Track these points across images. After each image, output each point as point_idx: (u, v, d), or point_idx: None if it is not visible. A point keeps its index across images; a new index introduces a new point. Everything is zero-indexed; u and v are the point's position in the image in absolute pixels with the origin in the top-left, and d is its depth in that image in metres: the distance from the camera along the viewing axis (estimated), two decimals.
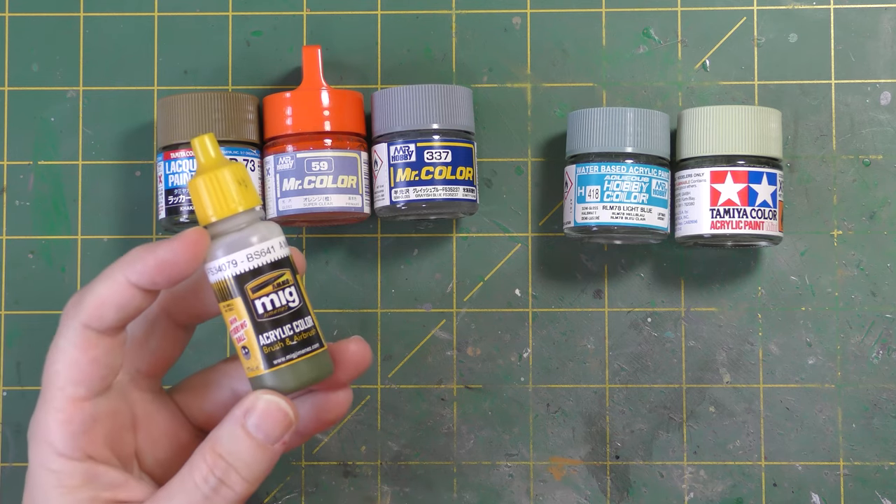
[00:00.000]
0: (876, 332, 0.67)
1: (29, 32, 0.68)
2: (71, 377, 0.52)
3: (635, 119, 0.64)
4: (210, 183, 0.52)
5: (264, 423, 0.52)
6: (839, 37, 0.68)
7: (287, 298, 0.52)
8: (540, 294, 0.68)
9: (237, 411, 0.52)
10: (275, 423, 0.52)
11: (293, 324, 0.52)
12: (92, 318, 0.51)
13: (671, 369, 0.67)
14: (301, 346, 0.52)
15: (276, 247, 0.52)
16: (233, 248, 0.51)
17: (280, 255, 0.52)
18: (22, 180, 0.68)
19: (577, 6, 0.68)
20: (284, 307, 0.52)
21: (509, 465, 0.67)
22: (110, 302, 0.51)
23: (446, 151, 0.64)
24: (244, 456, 0.52)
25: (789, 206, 0.67)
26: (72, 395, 0.52)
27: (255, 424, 0.52)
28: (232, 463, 0.52)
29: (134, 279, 0.51)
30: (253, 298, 0.52)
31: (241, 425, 0.52)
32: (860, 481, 0.67)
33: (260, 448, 0.52)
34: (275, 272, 0.52)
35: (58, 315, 0.67)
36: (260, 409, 0.52)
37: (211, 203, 0.52)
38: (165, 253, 0.51)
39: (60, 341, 0.52)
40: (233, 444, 0.52)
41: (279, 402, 0.52)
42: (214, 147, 0.52)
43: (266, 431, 0.52)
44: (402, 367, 0.68)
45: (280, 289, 0.52)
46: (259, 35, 0.68)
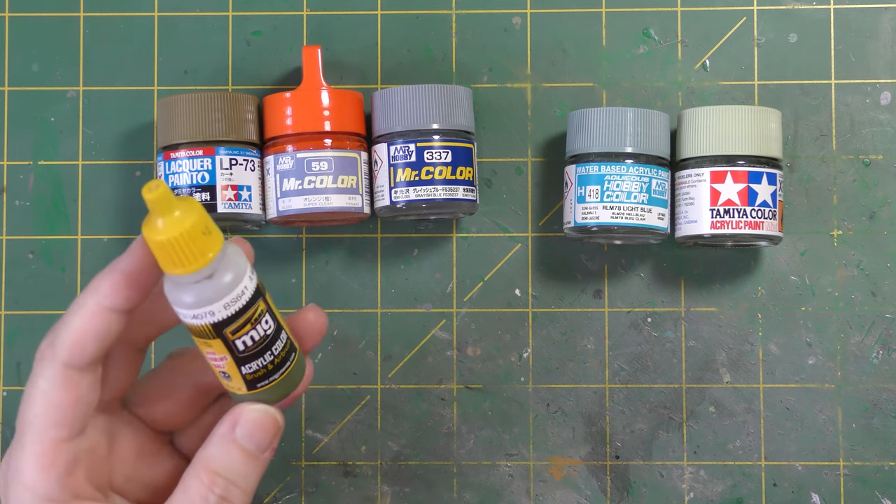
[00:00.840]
0: (876, 332, 0.67)
1: (29, 32, 0.68)
2: (53, 420, 0.50)
3: (635, 119, 0.64)
4: (175, 243, 0.47)
5: (255, 433, 0.52)
6: (839, 37, 0.68)
7: (264, 329, 0.51)
8: (540, 294, 0.68)
9: (223, 427, 0.52)
10: (265, 433, 0.52)
11: (272, 349, 0.51)
12: (73, 357, 0.49)
13: (671, 369, 0.67)
14: (281, 365, 0.52)
15: (248, 284, 0.50)
16: (208, 300, 0.49)
17: (252, 292, 0.50)
18: (22, 180, 0.68)
19: (577, 6, 0.68)
20: (262, 338, 0.51)
21: (509, 465, 0.67)
22: (89, 334, 0.49)
23: (446, 151, 0.64)
24: (240, 469, 0.51)
25: (789, 206, 0.67)
26: (54, 438, 0.50)
27: (246, 436, 0.52)
28: (229, 478, 0.51)
29: (108, 303, 0.49)
30: (233, 339, 0.50)
31: (231, 440, 0.51)
32: (860, 481, 0.67)
33: (252, 459, 0.52)
34: (250, 311, 0.50)
35: (58, 315, 0.67)
36: (249, 420, 0.52)
37: (177, 260, 0.48)
38: (129, 264, 0.49)
39: (40, 382, 0.50)
40: (226, 460, 0.51)
41: (266, 411, 0.52)
42: (172, 200, 0.47)
43: (257, 441, 0.52)
44: (402, 367, 0.68)
45: (257, 323, 0.51)
46: (259, 35, 0.68)
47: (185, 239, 0.47)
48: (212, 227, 0.48)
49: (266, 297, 0.51)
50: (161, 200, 0.47)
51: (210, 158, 0.64)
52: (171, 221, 0.47)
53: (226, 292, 0.49)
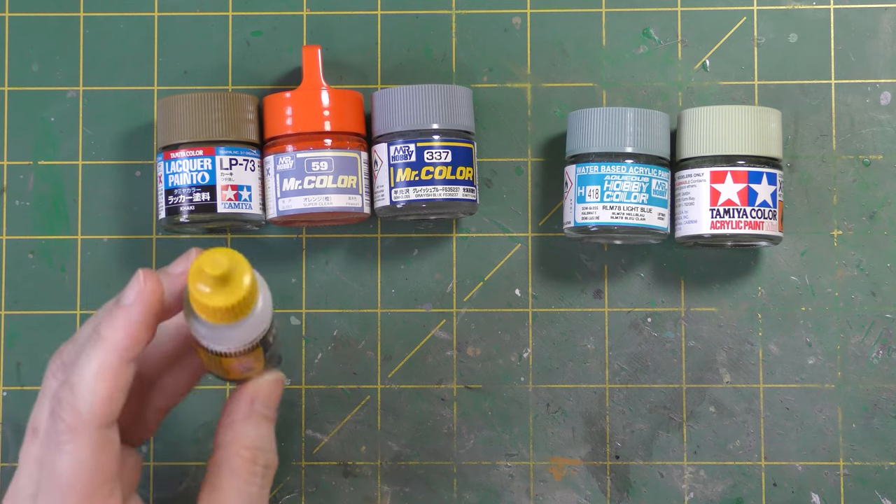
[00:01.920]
0: (876, 332, 0.67)
1: (29, 32, 0.68)
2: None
3: (635, 119, 0.64)
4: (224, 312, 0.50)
5: (270, 399, 0.56)
6: (839, 37, 0.68)
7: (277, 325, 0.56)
8: (540, 294, 0.68)
9: (244, 406, 0.56)
10: (277, 396, 0.57)
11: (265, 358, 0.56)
12: (103, 418, 0.51)
13: (671, 369, 0.67)
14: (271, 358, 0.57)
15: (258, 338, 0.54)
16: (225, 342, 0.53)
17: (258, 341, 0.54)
18: (22, 180, 0.68)
19: (577, 6, 0.68)
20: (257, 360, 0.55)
21: (509, 465, 0.67)
22: (116, 391, 0.51)
23: (446, 151, 0.64)
24: (267, 435, 0.56)
25: (789, 206, 0.67)
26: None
27: (264, 405, 0.56)
28: (264, 448, 0.56)
29: (128, 356, 0.51)
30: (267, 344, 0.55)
31: (256, 413, 0.56)
32: (860, 481, 0.67)
33: (270, 422, 0.57)
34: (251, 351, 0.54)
35: (58, 315, 0.68)
36: (265, 391, 0.56)
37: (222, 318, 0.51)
38: (140, 312, 0.51)
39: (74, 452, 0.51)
40: (257, 433, 0.56)
41: (276, 377, 0.57)
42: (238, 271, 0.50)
43: (273, 406, 0.57)
44: (402, 367, 0.68)
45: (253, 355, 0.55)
46: (259, 35, 0.68)
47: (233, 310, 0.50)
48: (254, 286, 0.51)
49: (268, 335, 0.55)
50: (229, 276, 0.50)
51: (210, 158, 0.64)
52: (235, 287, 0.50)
53: (241, 342, 0.53)
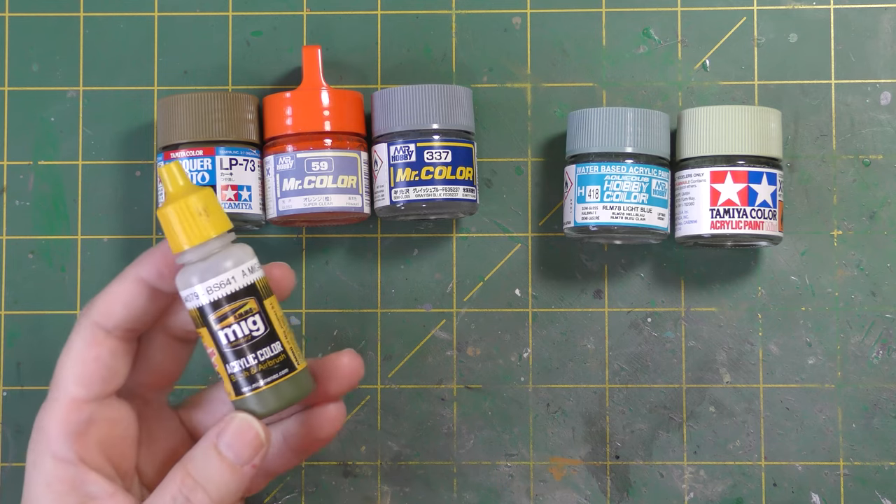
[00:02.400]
0: (876, 332, 0.67)
1: (29, 32, 0.68)
2: (74, 374, 0.52)
3: (635, 119, 0.64)
4: (178, 212, 0.51)
5: (235, 443, 0.52)
6: (839, 37, 0.68)
7: (250, 328, 0.52)
8: (540, 294, 0.68)
9: (211, 432, 0.53)
10: (245, 444, 0.52)
11: (258, 353, 0.52)
12: (101, 315, 0.52)
13: (671, 369, 0.67)
14: (268, 373, 0.52)
15: (238, 276, 0.51)
16: (196, 280, 0.51)
17: (241, 285, 0.51)
18: (22, 180, 0.68)
19: (577, 6, 0.68)
20: (247, 337, 0.52)
21: (509, 465, 0.67)
22: (119, 298, 0.52)
23: (446, 151, 0.64)
24: (214, 476, 0.52)
25: (789, 206, 0.67)
26: (72, 395, 0.52)
27: (227, 444, 0.52)
28: (201, 482, 0.52)
29: (143, 273, 0.52)
30: (216, 329, 0.52)
31: (213, 445, 0.52)
32: (860, 481, 0.67)
33: (230, 468, 0.52)
34: (236, 303, 0.51)
35: (58, 315, 0.68)
36: (232, 429, 0.52)
37: (181, 231, 0.51)
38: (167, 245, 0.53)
39: (72, 338, 0.53)
40: (204, 464, 0.52)
41: (250, 422, 0.53)
42: (182, 175, 0.52)
43: (237, 452, 0.52)
44: (402, 367, 0.68)
45: (243, 319, 0.51)
46: (259, 35, 0.68)
47: (183, 211, 0.50)
48: (214, 211, 0.51)
49: (266, 301, 0.52)
50: (171, 172, 0.51)
51: (210, 158, 0.64)
52: (176, 193, 0.51)
53: (211, 276, 0.51)
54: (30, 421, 0.54)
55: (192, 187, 0.52)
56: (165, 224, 0.51)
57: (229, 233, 0.53)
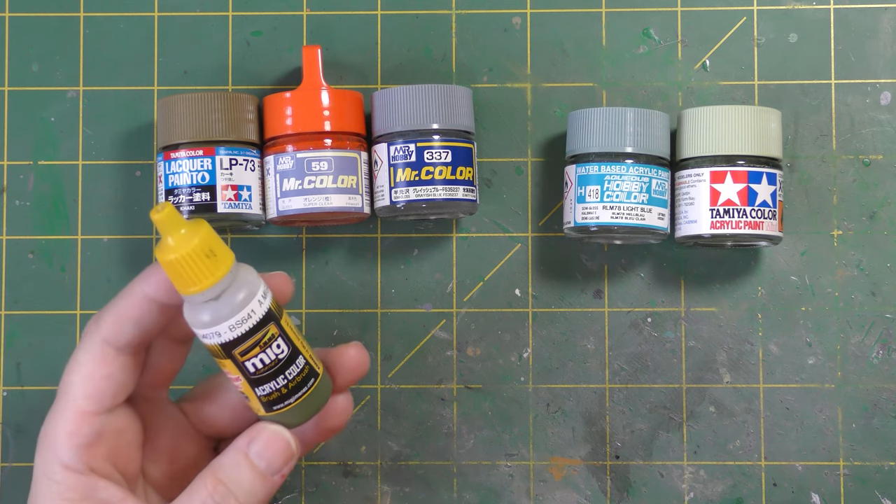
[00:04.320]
0: (876, 332, 0.67)
1: (29, 32, 0.68)
2: (84, 391, 0.52)
3: (635, 119, 0.64)
4: (181, 263, 0.49)
5: (266, 452, 0.53)
6: (839, 37, 0.68)
7: (276, 353, 0.52)
8: (540, 294, 0.68)
9: (241, 440, 0.53)
10: (276, 454, 0.53)
11: (286, 373, 0.52)
12: (111, 334, 0.52)
13: (671, 369, 0.67)
14: (296, 389, 0.53)
15: (256, 308, 0.51)
16: (214, 321, 0.50)
17: (260, 316, 0.51)
18: (22, 180, 0.68)
19: (577, 6, 0.68)
20: (274, 362, 0.52)
21: (509, 465, 0.67)
22: (128, 316, 0.52)
23: (446, 151, 0.64)
24: (244, 484, 0.53)
25: (789, 206, 0.67)
26: (82, 409, 0.52)
27: (258, 453, 0.53)
28: (232, 489, 0.53)
29: (150, 291, 0.52)
30: (243, 361, 0.51)
31: (244, 454, 0.53)
32: (860, 481, 0.67)
33: (260, 477, 0.53)
34: (258, 334, 0.51)
35: (58, 315, 0.68)
36: (263, 439, 0.53)
37: (185, 279, 0.49)
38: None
39: (79, 354, 0.53)
40: (235, 472, 0.53)
41: (282, 433, 0.54)
42: (178, 221, 0.49)
43: (268, 461, 0.53)
44: (402, 367, 0.68)
45: (267, 346, 0.51)
46: (259, 35, 0.68)
47: (190, 259, 0.49)
48: (219, 248, 0.50)
49: (282, 321, 0.52)
50: (167, 221, 0.49)
51: (210, 158, 0.64)
52: (178, 241, 0.49)
53: (231, 315, 0.50)
54: (30, 421, 0.54)
55: (192, 230, 0.49)
56: (171, 272, 0.49)
57: (235, 265, 0.51)
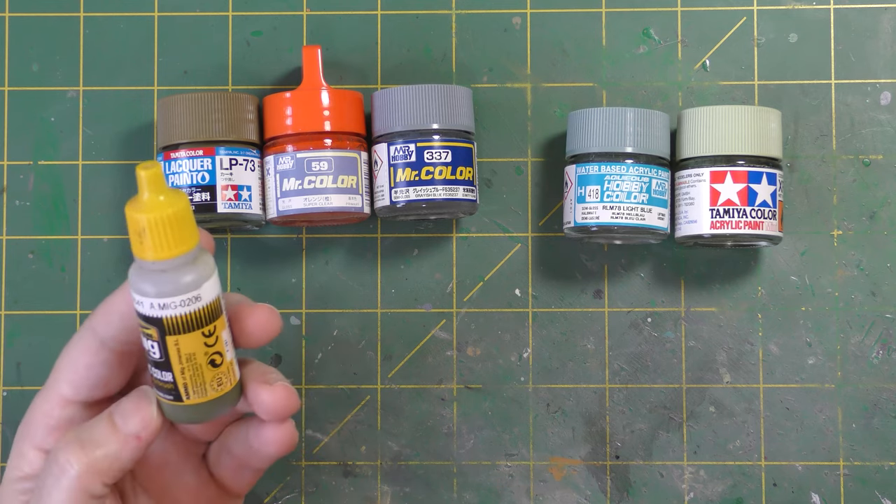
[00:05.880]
0: (876, 332, 0.67)
1: (29, 32, 0.68)
2: (66, 375, 0.53)
3: (635, 119, 0.64)
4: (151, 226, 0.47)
5: (125, 407, 0.52)
6: (839, 37, 0.68)
7: (149, 348, 0.51)
8: (540, 294, 0.68)
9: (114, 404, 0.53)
10: (133, 411, 0.52)
11: (153, 370, 0.51)
12: (98, 323, 0.52)
13: (671, 369, 0.67)
14: (159, 390, 0.52)
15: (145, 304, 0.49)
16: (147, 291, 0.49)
17: (146, 313, 0.49)
18: (22, 180, 0.68)
19: (577, 6, 0.68)
20: (148, 354, 0.51)
21: (509, 465, 0.67)
22: (116, 310, 0.52)
23: (446, 151, 0.64)
24: (97, 436, 0.51)
25: (789, 206, 0.67)
26: (60, 392, 0.53)
27: (119, 409, 0.52)
28: (81, 437, 0.51)
29: None
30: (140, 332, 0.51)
31: (107, 414, 0.52)
32: (860, 481, 0.67)
33: (113, 430, 0.52)
34: (142, 322, 0.50)
35: (57, 315, 0.68)
36: (129, 398, 0.52)
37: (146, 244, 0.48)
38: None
39: (73, 338, 0.53)
40: (93, 423, 0.52)
41: (147, 395, 0.52)
42: (161, 184, 0.47)
43: (123, 415, 0.52)
44: (402, 367, 0.68)
45: (146, 338, 0.51)
46: (259, 35, 0.68)
47: (157, 224, 0.47)
48: (188, 226, 0.48)
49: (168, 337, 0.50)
50: (152, 180, 0.47)
51: (210, 158, 0.64)
52: (153, 203, 0.47)
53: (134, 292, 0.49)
54: None
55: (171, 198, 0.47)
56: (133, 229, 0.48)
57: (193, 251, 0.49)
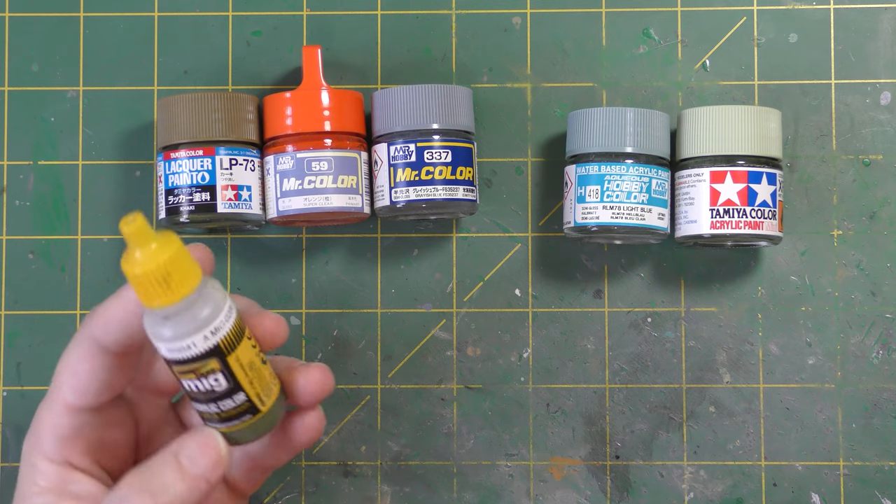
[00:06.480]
0: (876, 332, 0.67)
1: (29, 32, 0.68)
2: (69, 383, 0.52)
3: (635, 119, 0.64)
4: (148, 277, 0.47)
5: (194, 454, 0.52)
6: (839, 37, 0.68)
7: (211, 384, 0.50)
8: (540, 294, 0.68)
9: (174, 444, 0.52)
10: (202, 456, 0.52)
11: (219, 404, 0.51)
12: (97, 332, 0.52)
13: (671, 369, 0.67)
14: (228, 420, 0.52)
15: (199, 342, 0.49)
16: (164, 336, 0.49)
17: (201, 350, 0.49)
18: (22, 180, 0.68)
19: (577, 6, 0.68)
20: (209, 392, 0.51)
21: (509, 465, 0.67)
22: (116, 318, 0.51)
23: (446, 151, 0.64)
24: (166, 481, 0.51)
25: (789, 206, 0.67)
26: (65, 401, 0.52)
27: (186, 455, 0.52)
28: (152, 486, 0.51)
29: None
30: (180, 378, 0.51)
31: (173, 456, 0.52)
32: (860, 481, 0.67)
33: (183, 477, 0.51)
34: (195, 364, 0.50)
35: (58, 315, 0.68)
36: (194, 440, 0.52)
37: (150, 294, 0.48)
38: None
39: (70, 347, 0.53)
40: (160, 469, 0.51)
41: (213, 438, 0.52)
42: (148, 234, 0.47)
43: (192, 461, 0.52)
44: (402, 367, 0.68)
45: (203, 377, 0.50)
46: (259, 35, 0.68)
47: (153, 275, 0.47)
48: (185, 268, 0.48)
49: (232, 355, 0.50)
50: (137, 234, 0.47)
51: (210, 158, 0.64)
52: (146, 255, 0.47)
53: (174, 339, 0.49)
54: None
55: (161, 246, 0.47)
56: (135, 283, 0.48)
57: (199, 287, 0.49)
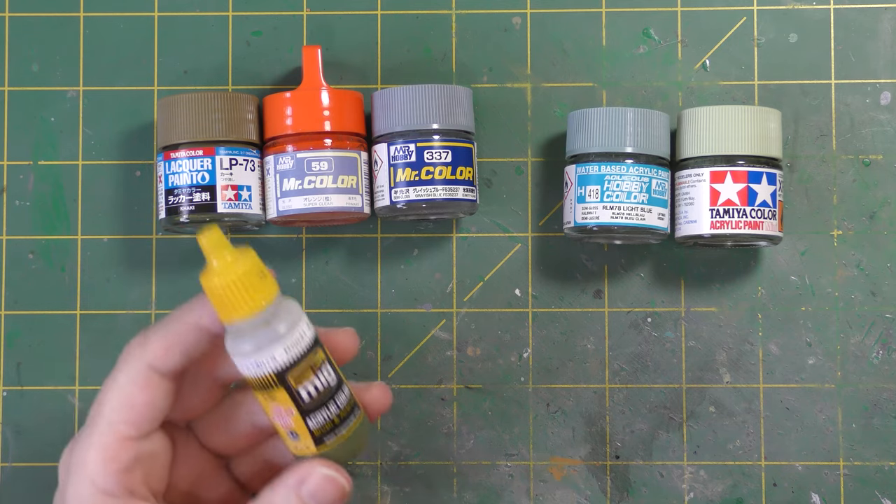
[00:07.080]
0: (876, 332, 0.67)
1: (29, 32, 0.68)
2: (125, 416, 0.51)
3: (635, 119, 0.64)
4: (231, 288, 0.48)
5: (319, 493, 0.52)
6: (839, 37, 0.68)
7: (326, 378, 0.51)
8: (540, 294, 0.68)
9: (292, 479, 0.52)
10: (329, 495, 0.52)
11: (336, 401, 0.52)
12: (158, 359, 0.51)
13: (671, 369, 0.67)
14: (346, 418, 0.52)
15: (306, 330, 0.50)
16: (267, 344, 0.49)
17: (311, 337, 0.51)
18: (22, 180, 0.68)
19: (577, 6, 0.68)
20: (325, 388, 0.51)
21: (509, 465, 0.67)
22: (179, 343, 0.51)
23: (446, 151, 0.64)
24: None
25: (789, 206, 0.67)
26: (122, 434, 0.52)
27: (311, 494, 0.52)
28: None
29: (205, 321, 0.51)
30: (297, 388, 0.51)
31: (296, 494, 0.52)
32: (860, 481, 0.67)
33: None
34: (310, 356, 0.50)
35: (58, 315, 0.68)
36: (317, 479, 0.52)
37: (235, 305, 0.49)
38: None
39: (120, 378, 0.52)
40: None
41: (335, 476, 0.52)
42: (224, 243, 0.48)
43: (320, 501, 0.52)
44: (402, 367, 0.68)
45: (318, 370, 0.51)
46: (259, 35, 0.68)
47: (241, 283, 0.48)
48: (266, 271, 0.49)
49: (325, 349, 0.52)
50: (214, 244, 0.48)
51: (210, 158, 0.64)
52: (226, 266, 0.48)
53: (285, 336, 0.49)
54: (30, 421, 0.54)
55: (239, 254, 0.49)
56: (216, 297, 0.49)
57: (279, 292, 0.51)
